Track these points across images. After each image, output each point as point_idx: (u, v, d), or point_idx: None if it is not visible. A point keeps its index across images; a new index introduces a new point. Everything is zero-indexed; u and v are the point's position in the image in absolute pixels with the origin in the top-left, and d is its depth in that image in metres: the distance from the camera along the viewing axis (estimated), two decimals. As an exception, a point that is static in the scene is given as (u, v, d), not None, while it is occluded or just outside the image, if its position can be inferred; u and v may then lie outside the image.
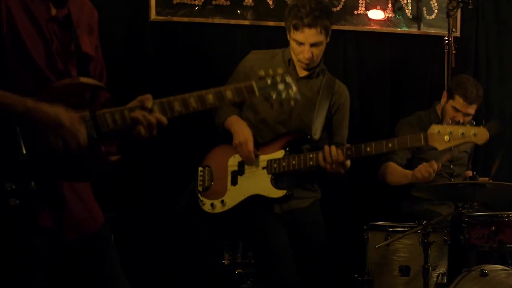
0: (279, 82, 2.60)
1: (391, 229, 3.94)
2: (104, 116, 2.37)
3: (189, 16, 4.63)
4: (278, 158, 3.72)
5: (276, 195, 3.70)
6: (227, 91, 2.48)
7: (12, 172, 2.23)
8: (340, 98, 3.98)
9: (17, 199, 2.22)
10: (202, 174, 3.82)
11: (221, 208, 3.73)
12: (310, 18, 3.67)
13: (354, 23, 5.10)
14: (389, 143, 3.58)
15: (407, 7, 5.22)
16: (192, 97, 2.44)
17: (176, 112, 2.43)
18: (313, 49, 3.74)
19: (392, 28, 5.20)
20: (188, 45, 4.64)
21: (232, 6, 4.75)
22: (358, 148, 3.62)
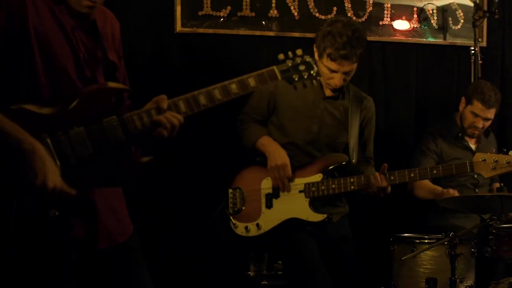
0: (299, 63, 2.60)
1: (417, 241, 3.91)
2: (132, 118, 2.39)
3: (214, 28, 4.64)
4: (316, 181, 3.72)
5: (316, 219, 3.71)
6: (250, 78, 2.51)
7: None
8: (368, 113, 3.99)
9: (57, 210, 2.25)
10: (232, 196, 3.79)
11: (256, 232, 3.73)
12: (347, 50, 3.63)
13: (380, 34, 5.08)
14: (433, 170, 3.79)
15: (433, 17, 5.20)
16: (216, 88, 2.47)
17: (202, 106, 2.46)
18: (344, 76, 3.75)
19: (417, 39, 5.18)
20: (213, 57, 4.64)
21: (257, 18, 4.75)
22: (402, 174, 3.66)
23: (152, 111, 2.41)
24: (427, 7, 5.18)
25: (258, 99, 3.95)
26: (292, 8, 4.81)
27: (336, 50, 3.64)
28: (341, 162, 3.79)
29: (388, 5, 5.09)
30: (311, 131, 3.82)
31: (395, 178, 3.68)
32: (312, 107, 3.86)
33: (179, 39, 4.59)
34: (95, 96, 2.39)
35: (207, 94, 2.46)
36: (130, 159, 2.43)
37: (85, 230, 2.40)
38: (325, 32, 3.71)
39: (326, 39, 3.68)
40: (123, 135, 2.37)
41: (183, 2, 4.53)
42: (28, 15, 2.32)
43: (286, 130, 3.86)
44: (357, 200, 4.17)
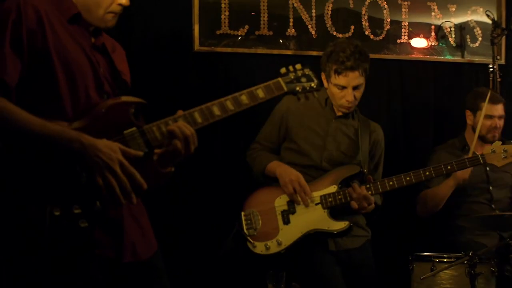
0: (301, 76, 2.73)
1: (436, 259, 3.88)
2: (151, 129, 2.43)
3: (232, 47, 4.67)
4: (331, 192, 3.72)
5: (338, 227, 3.71)
6: (258, 90, 2.62)
7: (77, 195, 2.28)
8: (377, 136, 4.02)
9: (86, 221, 2.26)
10: (247, 218, 3.79)
11: (277, 248, 3.71)
12: (351, 61, 3.71)
13: (397, 52, 5.09)
14: (448, 165, 3.83)
15: (451, 35, 5.20)
16: (227, 100, 2.56)
17: (216, 117, 2.52)
18: (355, 92, 3.78)
19: (435, 57, 5.18)
20: (231, 76, 4.66)
21: (275, 36, 4.77)
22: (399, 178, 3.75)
23: (170, 121, 2.45)
24: (444, 25, 5.18)
25: (270, 125, 4.01)
26: (309, 27, 4.83)
27: (342, 63, 3.72)
28: (354, 172, 3.81)
29: (406, 23, 5.10)
30: (327, 149, 3.84)
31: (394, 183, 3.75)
32: (325, 127, 3.89)
33: (197, 58, 4.62)
34: (113, 110, 2.42)
35: (220, 105, 2.54)
36: (152, 169, 2.46)
37: (111, 246, 2.42)
38: (328, 53, 3.81)
39: (330, 58, 3.77)
40: (144, 145, 2.41)
41: (201, 21, 4.56)
42: (47, 33, 2.36)
43: (304, 152, 3.87)
44: (378, 222, 4.16)
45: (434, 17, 5.19)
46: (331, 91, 3.84)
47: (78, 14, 2.49)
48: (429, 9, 5.18)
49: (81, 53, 2.45)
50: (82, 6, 2.48)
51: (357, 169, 3.81)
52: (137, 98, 2.51)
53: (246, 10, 4.70)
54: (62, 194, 2.26)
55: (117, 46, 2.73)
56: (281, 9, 4.79)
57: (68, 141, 2.24)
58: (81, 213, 2.27)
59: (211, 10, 4.60)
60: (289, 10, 4.80)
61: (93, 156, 2.26)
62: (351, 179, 3.79)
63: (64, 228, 2.24)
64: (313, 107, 3.92)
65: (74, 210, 2.26)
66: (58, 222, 2.23)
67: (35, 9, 2.36)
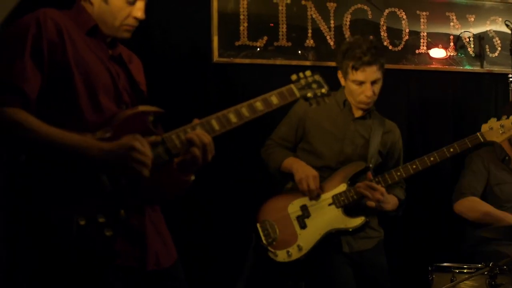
0: (311, 82, 2.78)
1: (457, 270, 3.85)
2: (171, 137, 2.45)
3: (251, 58, 4.69)
4: (342, 191, 3.73)
5: (355, 223, 3.73)
6: (272, 96, 2.67)
7: (101, 204, 2.30)
8: (394, 137, 4.01)
9: (111, 230, 2.29)
10: (263, 229, 3.78)
11: (299, 253, 3.71)
12: (368, 56, 3.72)
13: (416, 63, 5.09)
14: (450, 148, 3.93)
15: (470, 45, 5.19)
16: (243, 107, 2.59)
17: (233, 124, 2.55)
18: (373, 87, 3.78)
19: (454, 67, 5.17)
20: (250, 87, 4.67)
21: (293, 47, 4.79)
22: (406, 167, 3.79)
23: (188, 129, 2.47)
24: (463, 35, 5.18)
25: (286, 126, 3.99)
26: (328, 37, 4.85)
27: (359, 59, 3.72)
28: (360, 168, 3.82)
29: (424, 34, 5.10)
30: (344, 153, 3.84)
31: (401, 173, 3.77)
32: (343, 129, 3.89)
33: (216, 69, 4.64)
34: (132, 120, 2.44)
35: (236, 112, 2.57)
36: (173, 177, 2.48)
37: (134, 255, 2.44)
38: (343, 50, 3.82)
39: (347, 55, 3.78)
40: (165, 154, 2.43)
41: (220, 33, 4.58)
42: (66, 45, 2.39)
43: (320, 154, 3.87)
44: (394, 225, 4.15)
45: (453, 27, 5.19)
46: (349, 88, 3.83)
47: (96, 26, 2.52)
48: (448, 19, 5.18)
49: (100, 65, 2.48)
50: (98, 18, 2.52)
51: (363, 165, 3.82)
52: (155, 107, 2.53)
53: (264, 21, 4.73)
54: (87, 203, 2.28)
55: (133, 57, 2.76)
56: (300, 20, 4.81)
57: (87, 149, 2.27)
58: (106, 222, 2.29)
59: (230, 22, 4.62)
60: (307, 21, 4.82)
61: (110, 159, 2.28)
62: (359, 175, 3.80)
63: (89, 237, 2.26)
64: (331, 108, 3.91)
65: (99, 219, 2.28)
66: (84, 231, 2.25)
67: (55, 22, 2.40)
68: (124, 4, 2.50)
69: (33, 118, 2.28)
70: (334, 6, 4.87)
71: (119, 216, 2.33)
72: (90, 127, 2.38)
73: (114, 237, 2.30)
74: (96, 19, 2.52)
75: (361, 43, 3.76)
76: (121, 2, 2.50)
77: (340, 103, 3.92)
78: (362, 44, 3.76)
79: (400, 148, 4.05)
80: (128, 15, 2.53)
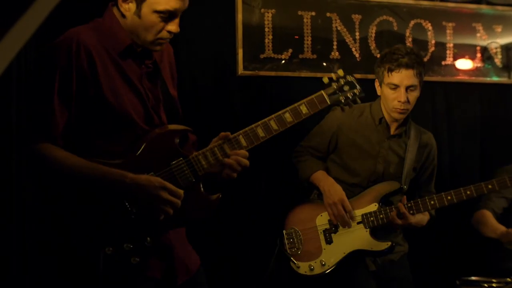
0: (343, 84, 2.73)
1: (486, 284, 3.82)
2: (197, 158, 2.45)
3: (276, 70, 4.68)
4: (372, 211, 3.69)
5: (381, 247, 3.68)
6: (301, 106, 2.64)
7: (128, 232, 2.32)
8: (431, 150, 3.95)
9: (137, 257, 2.31)
10: (289, 237, 3.76)
11: (321, 269, 3.68)
12: (406, 58, 3.65)
13: (442, 74, 5.05)
14: (488, 184, 3.77)
15: (497, 56, 5.14)
16: (271, 119, 2.58)
17: (261, 139, 2.56)
18: (408, 94, 3.69)
19: (481, 78, 5.13)
20: (275, 99, 4.67)
21: (318, 60, 4.78)
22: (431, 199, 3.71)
23: (216, 149, 2.47)
24: (490, 46, 5.13)
25: (319, 136, 3.96)
26: (353, 49, 4.83)
27: (396, 60, 3.66)
28: (394, 189, 3.77)
29: (451, 45, 5.07)
30: (376, 171, 3.80)
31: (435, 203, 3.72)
32: (377, 146, 3.84)
33: (241, 82, 4.64)
34: (159, 141, 2.45)
35: (264, 126, 2.56)
36: (200, 198, 2.49)
37: (162, 269, 2.46)
38: (382, 55, 3.79)
39: (385, 58, 3.73)
40: (191, 176, 2.44)
41: (245, 46, 4.59)
42: (99, 76, 2.41)
43: (351, 171, 3.84)
44: (419, 239, 4.11)
45: (480, 38, 5.15)
46: (384, 94, 3.76)
47: (130, 46, 2.51)
48: (474, 30, 5.14)
49: (130, 90, 2.48)
50: (131, 30, 2.51)
51: (397, 186, 3.77)
52: (183, 126, 2.54)
53: (289, 34, 4.72)
54: (113, 232, 2.31)
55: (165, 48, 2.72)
56: (325, 32, 4.80)
57: (112, 182, 2.30)
58: (133, 249, 2.32)
59: (254, 34, 4.62)
60: (332, 33, 4.81)
61: (138, 193, 2.30)
62: (391, 195, 3.76)
63: (117, 265, 2.29)
64: (366, 123, 3.86)
65: (125, 247, 2.30)
66: (111, 260, 2.28)
67: (87, 49, 2.40)
68: (158, 19, 2.48)
69: (59, 150, 2.33)
70: (359, 18, 4.86)
71: (146, 243, 2.35)
72: (119, 151, 2.40)
73: (142, 264, 2.32)
74: (129, 30, 2.51)
75: (401, 48, 3.72)
76: (155, 17, 2.47)
77: (376, 119, 3.85)
78: (402, 48, 3.71)
79: (435, 164, 3.99)
80: (162, 29, 2.51)
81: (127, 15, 2.49)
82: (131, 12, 2.48)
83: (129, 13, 2.48)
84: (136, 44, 2.52)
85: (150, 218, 2.37)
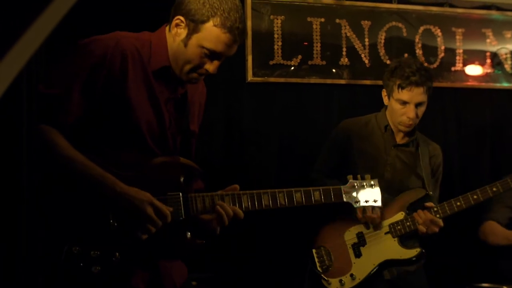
0: (366, 188, 2.74)
1: (497, 291, 3.80)
2: (195, 199, 2.45)
3: (285, 77, 4.68)
4: (400, 220, 3.69)
5: (411, 255, 3.69)
6: (316, 192, 2.62)
7: (100, 240, 2.32)
8: (436, 160, 3.96)
9: (99, 266, 2.29)
10: (319, 255, 3.77)
11: (352, 283, 3.68)
12: (417, 76, 3.65)
13: (452, 80, 5.04)
14: (493, 187, 3.76)
15: (507, 61, 5.13)
16: (281, 193, 2.56)
17: (264, 206, 2.53)
18: (417, 109, 3.72)
19: (491, 84, 5.11)
20: (284, 105, 4.67)
21: (328, 66, 4.77)
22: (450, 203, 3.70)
23: (216, 197, 2.47)
24: (500, 52, 5.12)
25: (328, 152, 3.99)
26: (362, 56, 4.82)
27: (407, 78, 3.66)
28: (420, 196, 3.77)
29: (460, 51, 5.06)
30: (384, 179, 3.79)
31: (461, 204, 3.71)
32: (384, 154, 3.85)
33: (250, 89, 4.64)
34: (165, 168, 2.46)
35: (271, 195, 2.56)
36: (183, 237, 2.47)
37: (145, 280, 2.45)
38: (392, 68, 3.77)
39: (395, 72, 3.72)
40: (182, 213, 2.43)
41: (254, 52, 4.59)
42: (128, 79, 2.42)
43: None
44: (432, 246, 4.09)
45: (489, 44, 5.13)
46: (392, 107, 3.77)
47: (166, 68, 2.52)
48: (484, 36, 5.13)
49: (151, 109, 2.48)
50: (174, 55, 2.51)
51: (423, 193, 3.77)
52: (193, 163, 2.54)
53: (298, 40, 4.72)
54: (86, 234, 2.31)
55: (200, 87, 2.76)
56: (334, 38, 4.80)
57: (102, 186, 2.30)
58: (97, 258, 2.30)
59: (264, 41, 4.63)
60: (342, 39, 4.80)
61: (124, 203, 2.30)
62: (418, 203, 3.75)
63: (75, 267, 2.28)
64: (373, 132, 3.89)
65: (92, 254, 2.30)
66: (72, 259, 2.28)
67: (123, 54, 2.42)
68: (201, 54, 2.49)
69: (63, 140, 2.33)
70: (369, 24, 4.85)
71: (113, 258, 2.34)
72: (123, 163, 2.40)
73: (100, 275, 2.31)
74: (171, 55, 2.52)
75: (411, 63, 3.72)
76: (199, 52, 2.48)
77: (382, 127, 3.88)
78: (412, 64, 3.71)
79: (441, 172, 4.00)
80: (200, 64, 2.51)
81: (175, 40, 2.50)
82: (180, 38, 2.49)
83: (178, 38, 2.50)
84: (172, 69, 2.52)
85: (127, 234, 2.35)
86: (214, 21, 2.44)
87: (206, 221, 2.49)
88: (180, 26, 2.48)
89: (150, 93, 2.48)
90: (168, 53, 2.51)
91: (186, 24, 2.47)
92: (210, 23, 2.44)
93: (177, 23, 2.49)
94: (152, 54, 2.50)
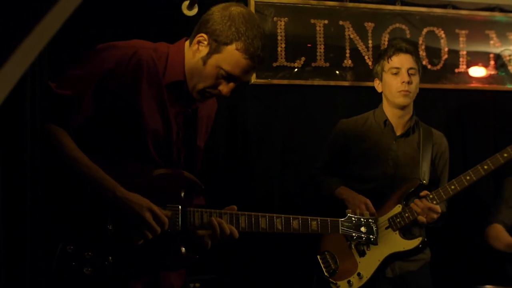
0: (362, 224, 2.78)
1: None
2: (193, 213, 2.45)
3: (289, 79, 4.68)
4: (398, 212, 3.70)
5: (413, 245, 3.71)
6: (313, 221, 2.64)
7: (96, 242, 2.32)
8: (440, 148, 3.95)
9: (91, 268, 2.30)
10: (324, 261, 3.79)
11: (360, 282, 3.70)
12: (405, 44, 3.84)
13: (455, 82, 5.03)
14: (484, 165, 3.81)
15: (510, 63, 5.12)
16: (278, 218, 2.57)
17: (261, 229, 2.55)
18: (410, 77, 3.77)
19: (495, 86, 5.11)
20: (288, 107, 4.67)
21: (331, 68, 4.78)
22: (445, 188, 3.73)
23: (214, 214, 2.48)
24: (504, 53, 5.11)
25: (328, 154, 4.01)
26: (366, 57, 4.83)
27: (393, 46, 3.84)
28: (414, 187, 3.77)
29: (464, 52, 5.05)
30: (387, 174, 3.80)
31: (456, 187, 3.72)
32: (386, 150, 3.86)
33: (254, 90, 4.64)
34: (166, 180, 2.46)
35: (269, 219, 2.57)
36: (177, 250, 2.47)
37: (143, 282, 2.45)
38: (381, 51, 3.99)
39: (382, 53, 3.90)
40: (179, 225, 2.44)
41: (258, 54, 4.58)
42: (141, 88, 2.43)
43: (365, 179, 3.84)
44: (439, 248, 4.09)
45: (493, 46, 5.13)
46: (386, 84, 3.83)
47: (180, 83, 2.52)
48: (488, 38, 5.12)
49: (160, 120, 2.49)
50: (190, 70, 2.51)
51: (417, 183, 3.77)
52: (195, 179, 2.54)
53: (302, 42, 4.73)
54: (82, 235, 2.32)
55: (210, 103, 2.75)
56: (337, 40, 4.80)
57: (103, 189, 2.31)
58: (90, 260, 2.31)
59: (267, 43, 4.60)
60: (345, 41, 4.81)
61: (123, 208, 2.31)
62: (413, 194, 3.75)
63: (67, 266, 2.29)
64: (372, 129, 3.90)
65: (85, 254, 2.31)
66: (65, 258, 2.28)
67: (140, 63, 2.43)
68: (217, 75, 2.49)
69: (71, 141, 2.34)
70: (372, 26, 4.86)
71: (106, 261, 2.34)
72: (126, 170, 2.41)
73: (91, 277, 2.31)
74: (186, 70, 2.52)
75: (398, 39, 3.98)
76: (217, 72, 2.48)
77: (381, 123, 3.89)
78: (398, 39, 3.96)
79: (447, 159, 4.00)
80: (215, 84, 2.51)
81: (195, 56, 2.50)
82: (200, 55, 2.49)
83: (198, 55, 2.49)
84: (186, 85, 2.53)
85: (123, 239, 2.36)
86: (237, 45, 2.45)
87: (201, 236, 2.49)
88: (202, 43, 2.48)
89: (161, 105, 2.48)
90: (185, 68, 2.52)
91: (209, 42, 2.47)
92: (233, 46, 2.45)
93: (200, 40, 2.49)
94: (167, 67, 2.51)
